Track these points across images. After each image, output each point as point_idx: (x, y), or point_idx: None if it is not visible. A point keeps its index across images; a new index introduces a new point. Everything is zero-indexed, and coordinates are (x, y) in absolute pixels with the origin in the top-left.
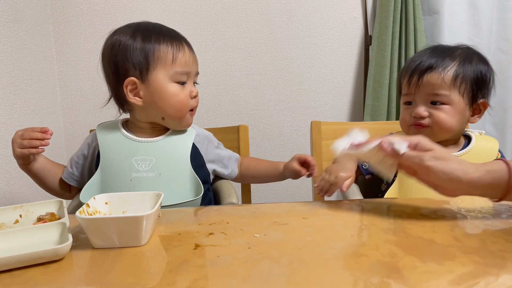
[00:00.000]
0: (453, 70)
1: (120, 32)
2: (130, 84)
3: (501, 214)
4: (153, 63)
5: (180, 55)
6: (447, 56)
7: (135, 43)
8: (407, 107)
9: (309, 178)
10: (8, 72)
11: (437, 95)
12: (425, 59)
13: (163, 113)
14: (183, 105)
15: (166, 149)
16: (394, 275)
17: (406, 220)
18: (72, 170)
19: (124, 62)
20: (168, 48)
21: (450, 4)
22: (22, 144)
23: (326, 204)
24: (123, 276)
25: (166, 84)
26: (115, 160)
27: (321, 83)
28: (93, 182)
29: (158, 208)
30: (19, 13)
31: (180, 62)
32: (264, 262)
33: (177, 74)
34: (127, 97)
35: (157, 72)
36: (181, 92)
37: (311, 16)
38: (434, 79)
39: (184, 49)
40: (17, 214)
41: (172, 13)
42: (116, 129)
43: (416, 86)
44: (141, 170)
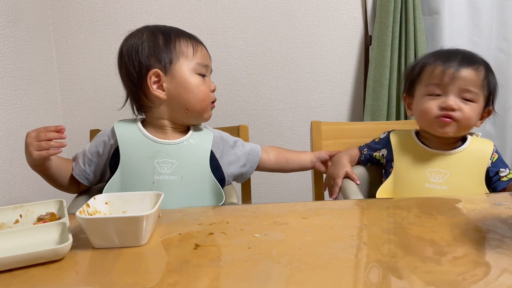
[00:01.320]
0: (483, 72)
1: (138, 33)
2: (155, 76)
3: (501, 214)
4: (176, 56)
5: (199, 49)
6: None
7: (157, 40)
8: (433, 97)
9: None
10: (8, 72)
11: (470, 91)
12: (458, 53)
13: (187, 104)
14: (206, 96)
15: (186, 153)
16: (394, 275)
17: (406, 220)
18: (85, 167)
19: (149, 58)
20: (187, 42)
21: (450, 4)
22: (40, 146)
23: (326, 204)
24: (123, 276)
25: (189, 75)
26: (137, 161)
27: (321, 83)
28: (114, 183)
29: (158, 208)
30: (19, 13)
31: (200, 55)
32: (264, 262)
33: (198, 66)
34: (151, 90)
35: (180, 64)
36: (203, 84)
37: (311, 16)
38: (471, 75)
39: (201, 45)
40: (17, 214)
41: (172, 13)
42: (135, 128)
43: (452, 78)
44: (163, 172)
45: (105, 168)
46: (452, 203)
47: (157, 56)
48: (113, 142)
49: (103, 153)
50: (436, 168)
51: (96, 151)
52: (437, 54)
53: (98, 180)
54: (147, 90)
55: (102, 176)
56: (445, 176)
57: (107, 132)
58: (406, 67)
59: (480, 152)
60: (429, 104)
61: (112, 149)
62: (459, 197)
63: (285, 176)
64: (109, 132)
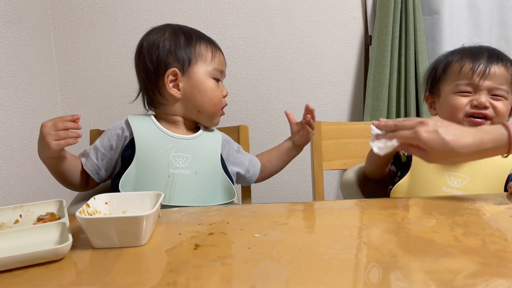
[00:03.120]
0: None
1: (160, 29)
2: (172, 75)
3: (501, 213)
4: (195, 58)
5: (217, 54)
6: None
7: (178, 39)
8: (463, 95)
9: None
10: (8, 72)
11: (500, 88)
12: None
13: (200, 106)
14: (218, 100)
15: (200, 148)
16: (394, 275)
17: (406, 220)
18: (98, 161)
19: (168, 56)
20: (207, 46)
21: (450, 4)
22: (58, 136)
23: (326, 204)
24: (123, 276)
25: (205, 79)
26: (153, 154)
27: (321, 83)
28: (129, 175)
29: (158, 208)
30: (19, 13)
31: (218, 60)
32: (264, 262)
33: (215, 71)
34: (167, 88)
35: (198, 67)
36: (217, 88)
37: (311, 16)
38: (502, 71)
39: (219, 51)
40: (17, 214)
41: (172, 13)
42: (150, 122)
43: (483, 75)
44: (178, 166)
45: (116, 162)
46: (452, 203)
47: (176, 55)
48: (127, 134)
49: (116, 147)
50: (456, 172)
51: (110, 145)
52: (463, 51)
53: (107, 176)
54: (162, 87)
55: (112, 171)
56: (464, 181)
57: (119, 125)
58: (406, 67)
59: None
60: (460, 100)
61: (126, 141)
62: (459, 197)
63: (285, 176)
64: (122, 124)
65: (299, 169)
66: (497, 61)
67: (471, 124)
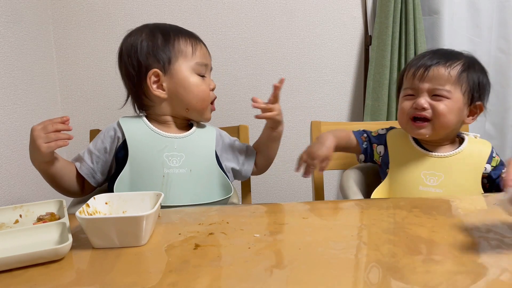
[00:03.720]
0: (459, 68)
1: (137, 31)
2: (154, 76)
3: (501, 214)
4: (175, 56)
5: (198, 47)
6: (452, 56)
7: (155, 39)
8: (407, 98)
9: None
10: (8, 72)
11: (441, 89)
12: (431, 56)
13: (188, 103)
14: (205, 95)
15: (194, 146)
16: (394, 275)
17: (406, 220)
18: (93, 165)
19: (147, 58)
20: (187, 41)
21: (450, 4)
22: (49, 138)
23: (326, 204)
24: (123, 276)
25: (188, 75)
26: (146, 155)
27: (321, 83)
28: (124, 177)
29: (158, 208)
30: (19, 13)
31: (199, 54)
32: (264, 262)
33: (198, 66)
34: (151, 90)
35: (179, 64)
36: (203, 83)
37: (311, 16)
38: (440, 72)
39: (201, 44)
40: (17, 214)
41: (172, 13)
42: (141, 123)
43: (421, 79)
44: (172, 166)
45: (111, 165)
46: (452, 203)
47: (156, 55)
48: (120, 135)
49: (110, 149)
50: (431, 170)
51: (103, 147)
52: (417, 57)
53: (103, 180)
54: (147, 89)
55: (108, 174)
56: (439, 179)
57: (111, 127)
58: None
59: (477, 154)
60: (404, 104)
61: (119, 142)
62: (459, 197)
63: (285, 176)
64: (114, 126)
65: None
66: (438, 62)
67: (412, 127)
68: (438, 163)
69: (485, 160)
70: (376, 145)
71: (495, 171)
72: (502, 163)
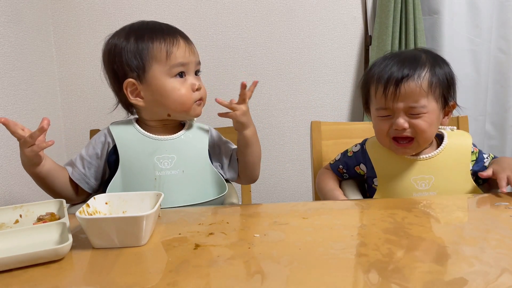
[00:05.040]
0: (427, 76)
1: (115, 35)
2: (129, 86)
3: (501, 214)
4: (148, 62)
5: (174, 49)
6: (416, 63)
7: (129, 45)
8: (383, 118)
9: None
10: (8, 72)
11: (416, 106)
12: (396, 68)
13: (168, 109)
14: (186, 99)
15: (185, 146)
16: (394, 275)
17: (406, 220)
18: (85, 170)
19: (122, 66)
20: (161, 45)
21: (450, 4)
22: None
23: (326, 204)
24: (123, 276)
25: (164, 81)
26: (137, 159)
27: (321, 83)
28: (116, 182)
29: (158, 208)
30: (19, 13)
31: (174, 56)
32: (264, 262)
33: (174, 68)
34: (129, 99)
35: (153, 71)
36: (182, 86)
37: (311, 16)
38: (412, 88)
39: (179, 43)
40: (17, 214)
41: (172, 13)
42: (131, 127)
43: (394, 98)
44: (164, 168)
45: (104, 170)
46: (452, 203)
47: (129, 65)
48: (110, 140)
49: (101, 154)
50: (420, 175)
51: (95, 153)
52: (380, 68)
53: (98, 185)
54: (126, 98)
55: (102, 179)
56: (430, 181)
57: (102, 133)
58: None
59: (460, 147)
60: (382, 126)
61: (109, 147)
62: (459, 197)
63: (285, 176)
64: (104, 131)
65: (299, 169)
66: (407, 77)
67: (397, 149)
68: (425, 165)
69: (469, 150)
70: (357, 166)
71: (477, 163)
72: (480, 152)
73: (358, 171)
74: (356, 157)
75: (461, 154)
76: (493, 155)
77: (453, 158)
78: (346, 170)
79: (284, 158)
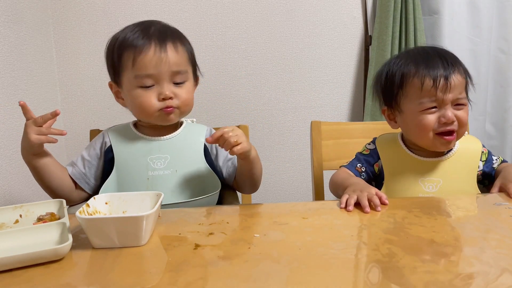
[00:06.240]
0: (464, 71)
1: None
2: (114, 87)
3: (501, 214)
4: (121, 68)
5: (138, 59)
6: (454, 57)
7: (113, 49)
8: (429, 112)
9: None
10: (8, 72)
11: (461, 98)
12: (439, 61)
13: (135, 115)
14: (148, 107)
15: (180, 146)
16: (394, 275)
17: (406, 220)
18: (85, 170)
19: (108, 69)
20: (129, 52)
21: (450, 4)
22: (40, 131)
23: (326, 204)
24: (123, 276)
25: (131, 88)
26: (130, 160)
27: (321, 83)
28: (110, 184)
29: (158, 208)
30: (19, 13)
31: (139, 66)
32: (264, 262)
33: (137, 79)
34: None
35: (124, 77)
36: (144, 95)
37: (311, 16)
38: (459, 80)
39: (148, 51)
40: (17, 214)
41: (172, 13)
42: (128, 129)
43: (446, 89)
44: (157, 168)
45: (103, 170)
46: (452, 203)
47: (110, 67)
48: (107, 140)
49: (101, 154)
50: (428, 177)
51: (95, 154)
52: (415, 61)
53: (97, 186)
54: None
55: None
56: (438, 184)
57: (102, 134)
58: None
59: (469, 152)
60: (428, 120)
61: (107, 146)
62: (459, 197)
63: (285, 176)
64: (104, 133)
65: (299, 169)
66: (453, 68)
67: (443, 143)
68: (435, 168)
69: (478, 156)
70: (376, 163)
71: (486, 163)
72: (490, 153)
73: (377, 168)
74: (373, 154)
75: (470, 160)
76: (502, 158)
77: (462, 163)
78: (366, 168)
79: (284, 158)
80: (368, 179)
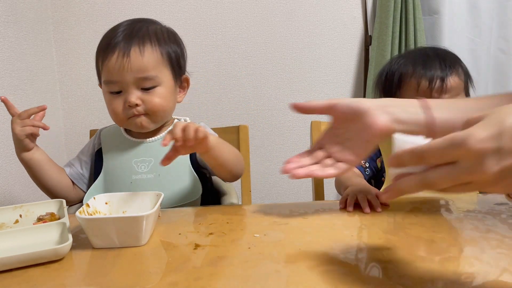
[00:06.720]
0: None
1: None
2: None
3: (501, 214)
4: (100, 71)
5: (105, 63)
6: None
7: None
8: None
9: None
10: (8, 72)
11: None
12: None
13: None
14: (115, 114)
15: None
16: (394, 275)
17: (406, 220)
18: (82, 171)
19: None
20: (99, 56)
21: (450, 4)
22: (24, 123)
23: (326, 204)
24: (123, 276)
25: (104, 93)
26: (118, 162)
27: (321, 83)
28: (97, 185)
29: (158, 208)
30: (19, 13)
31: (105, 72)
32: (264, 262)
33: (106, 84)
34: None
35: (102, 79)
36: (113, 101)
37: (311, 16)
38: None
39: (112, 56)
40: (17, 214)
41: (172, 13)
42: (118, 131)
43: (441, 91)
44: (140, 171)
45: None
46: (452, 203)
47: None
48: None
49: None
50: None
51: (91, 155)
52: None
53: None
54: None
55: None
56: None
57: (97, 134)
58: None
59: None
60: None
61: (97, 148)
62: (459, 197)
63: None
64: (98, 133)
65: None
66: (451, 70)
67: None
68: None
69: None
70: (379, 158)
71: None
72: None
73: (379, 163)
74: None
75: None
76: None
77: None
78: (369, 164)
79: (284, 158)
80: (372, 175)
